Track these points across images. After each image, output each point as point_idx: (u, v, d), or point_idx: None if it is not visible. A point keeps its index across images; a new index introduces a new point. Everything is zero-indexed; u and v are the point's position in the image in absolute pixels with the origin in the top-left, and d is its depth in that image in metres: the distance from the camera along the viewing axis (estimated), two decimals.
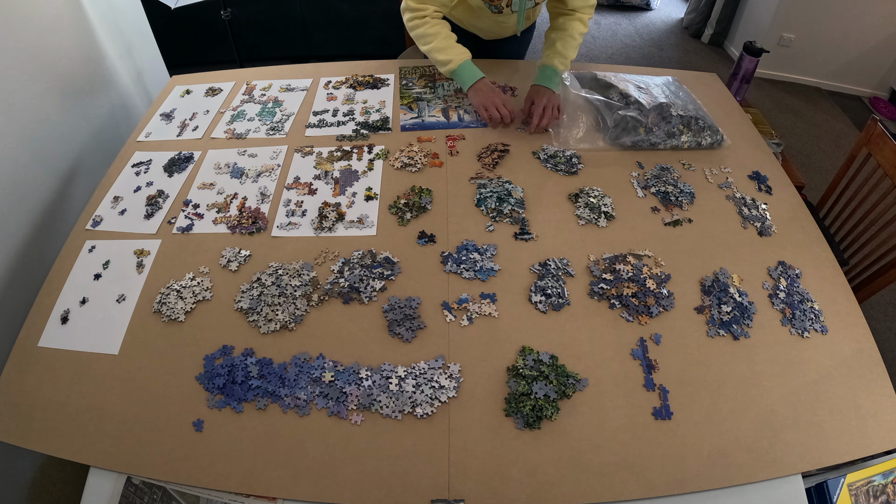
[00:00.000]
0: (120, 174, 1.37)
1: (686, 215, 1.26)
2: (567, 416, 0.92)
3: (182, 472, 0.86)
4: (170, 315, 1.05)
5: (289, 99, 1.61)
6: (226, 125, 1.51)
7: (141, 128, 1.53)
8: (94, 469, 0.88)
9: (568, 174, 1.35)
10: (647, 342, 1.02)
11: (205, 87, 1.68)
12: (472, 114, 1.53)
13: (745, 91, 2.02)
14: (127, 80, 1.90)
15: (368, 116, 1.53)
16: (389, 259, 1.14)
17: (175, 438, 0.89)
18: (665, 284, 1.11)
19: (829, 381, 0.98)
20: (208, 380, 0.95)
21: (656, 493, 0.85)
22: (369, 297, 1.08)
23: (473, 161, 1.38)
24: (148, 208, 1.27)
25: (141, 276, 1.12)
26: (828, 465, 0.88)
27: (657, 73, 1.65)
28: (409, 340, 1.01)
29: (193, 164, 1.38)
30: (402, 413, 0.92)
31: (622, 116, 1.40)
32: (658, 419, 0.92)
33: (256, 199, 1.28)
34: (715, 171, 1.38)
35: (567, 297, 1.08)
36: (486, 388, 0.95)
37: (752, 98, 3.16)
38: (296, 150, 1.41)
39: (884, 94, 3.30)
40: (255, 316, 1.05)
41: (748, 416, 0.92)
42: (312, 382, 0.95)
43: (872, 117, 1.56)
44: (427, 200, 1.26)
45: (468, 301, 1.07)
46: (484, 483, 0.85)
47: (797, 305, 1.09)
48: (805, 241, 1.22)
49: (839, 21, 3.06)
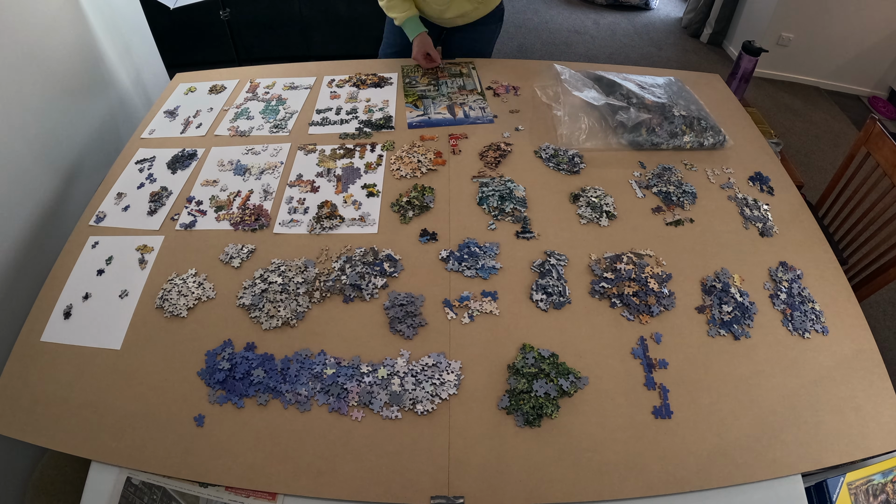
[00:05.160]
0: (123, 171, 1.37)
1: (688, 215, 1.26)
2: (567, 414, 0.92)
3: (183, 466, 0.86)
4: (172, 311, 1.05)
5: (292, 97, 1.61)
6: (229, 123, 1.52)
7: (145, 125, 1.53)
8: (96, 463, 0.88)
9: (570, 173, 1.35)
10: (648, 341, 1.02)
11: (208, 85, 1.68)
12: (478, 110, 1.54)
13: (744, 90, 2.03)
14: (126, 80, 1.91)
15: (371, 115, 1.53)
16: (391, 256, 1.14)
17: (176, 433, 0.90)
18: (666, 284, 1.11)
19: (829, 382, 0.98)
20: (210, 375, 0.96)
21: (656, 491, 0.85)
22: (371, 294, 1.08)
23: (476, 160, 1.39)
24: (151, 205, 1.27)
25: (144, 272, 1.13)
26: (828, 465, 0.88)
27: (658, 74, 1.65)
28: (410, 338, 1.01)
29: (197, 161, 1.39)
30: (402, 410, 0.92)
31: (624, 116, 1.40)
32: (658, 418, 0.92)
33: (259, 197, 1.29)
34: (717, 171, 1.38)
35: (568, 295, 1.08)
36: (486, 385, 0.96)
37: (752, 97, 3.17)
38: (299, 148, 1.42)
39: (883, 94, 3.30)
40: (257, 312, 1.05)
41: (748, 415, 0.93)
42: (313, 378, 0.95)
43: (871, 116, 1.56)
44: (429, 199, 1.27)
45: (469, 299, 1.07)
46: (484, 480, 0.85)
47: (798, 306, 1.09)
48: (806, 242, 1.23)
49: (838, 20, 3.06)
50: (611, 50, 3.66)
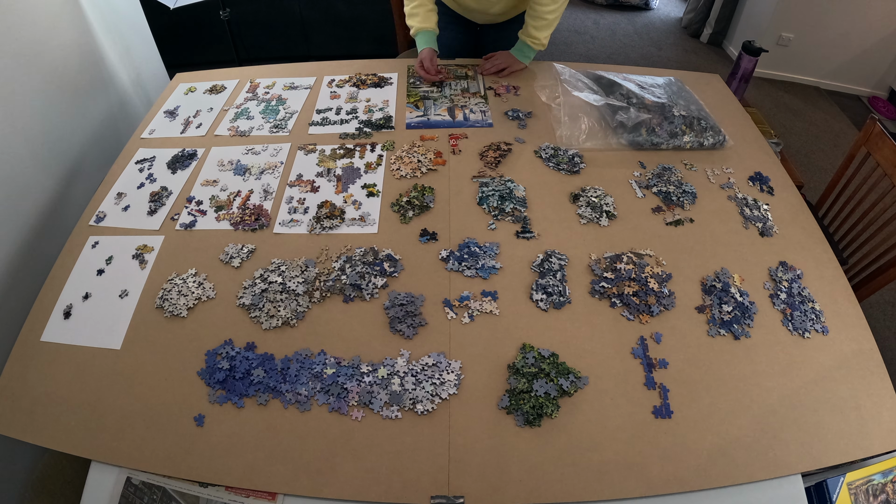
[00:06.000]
0: (123, 171, 1.37)
1: (688, 215, 1.26)
2: (567, 413, 0.92)
3: (183, 466, 0.86)
4: (172, 310, 1.05)
5: (292, 97, 1.61)
6: (229, 123, 1.52)
7: (145, 125, 1.53)
8: (96, 463, 0.88)
9: (570, 173, 1.35)
10: (648, 341, 1.02)
11: (208, 85, 1.68)
12: (478, 113, 1.54)
13: (744, 90, 2.03)
14: (126, 80, 1.91)
15: (371, 115, 1.53)
16: (391, 256, 1.14)
17: (176, 433, 0.90)
18: (666, 284, 1.11)
19: (829, 382, 0.98)
20: (210, 375, 0.96)
21: (656, 491, 0.85)
22: (371, 294, 1.08)
23: (476, 159, 1.39)
24: (151, 205, 1.27)
25: (144, 272, 1.13)
26: (828, 465, 0.88)
27: (659, 74, 1.65)
28: (410, 337, 1.01)
29: (197, 161, 1.39)
30: (402, 410, 0.92)
31: (624, 116, 1.40)
32: (658, 418, 0.92)
33: (259, 197, 1.29)
34: (717, 171, 1.38)
35: (568, 295, 1.08)
36: (486, 385, 0.96)
37: (751, 97, 3.17)
38: (299, 148, 1.42)
39: (883, 94, 3.30)
40: (257, 312, 1.05)
41: (748, 415, 0.93)
42: (313, 378, 0.95)
43: (871, 117, 1.56)
44: (429, 199, 1.27)
45: (469, 299, 1.07)
46: (484, 480, 0.85)
47: (798, 306, 1.09)
48: (806, 242, 1.23)
49: (838, 20, 3.06)
50: (611, 50, 3.65)
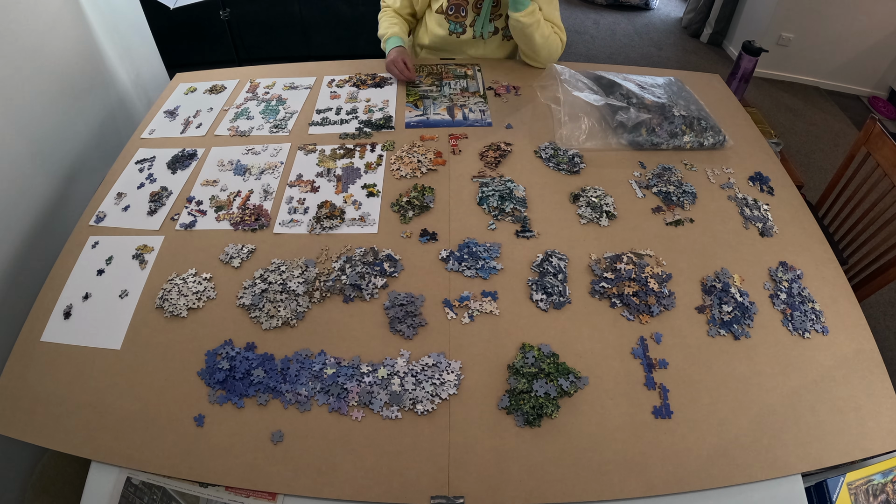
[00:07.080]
0: (123, 171, 1.37)
1: (688, 215, 1.26)
2: (567, 414, 0.92)
3: (183, 466, 0.86)
4: (172, 311, 1.05)
5: (292, 97, 1.61)
6: (229, 123, 1.52)
7: (145, 125, 1.53)
8: (96, 463, 0.88)
9: (570, 173, 1.35)
10: (648, 341, 1.02)
11: (208, 85, 1.68)
12: (477, 112, 1.54)
13: (744, 90, 2.03)
14: (126, 80, 1.91)
15: (371, 115, 1.53)
16: (391, 256, 1.14)
17: (176, 433, 0.90)
18: (666, 284, 1.11)
19: (829, 382, 0.98)
20: (210, 375, 0.96)
21: (656, 491, 0.85)
22: (371, 294, 1.08)
23: (476, 160, 1.39)
24: (151, 205, 1.27)
25: (144, 272, 1.13)
26: (828, 465, 0.88)
27: (659, 74, 1.65)
28: (410, 337, 1.01)
29: (197, 161, 1.39)
30: (402, 410, 0.92)
31: (624, 116, 1.40)
32: (658, 418, 0.92)
33: (259, 197, 1.29)
34: (717, 171, 1.38)
35: (568, 295, 1.08)
36: (486, 385, 0.96)
37: (751, 97, 3.16)
38: (299, 148, 1.42)
39: (883, 94, 3.30)
40: (257, 312, 1.05)
41: (748, 415, 0.93)
42: (313, 378, 0.95)
43: (871, 117, 1.56)
44: (429, 199, 1.27)
45: (469, 299, 1.07)
46: (484, 480, 0.85)
47: (798, 306, 1.09)
48: (806, 242, 1.23)
49: (838, 20, 3.07)
50: (611, 50, 3.66)
